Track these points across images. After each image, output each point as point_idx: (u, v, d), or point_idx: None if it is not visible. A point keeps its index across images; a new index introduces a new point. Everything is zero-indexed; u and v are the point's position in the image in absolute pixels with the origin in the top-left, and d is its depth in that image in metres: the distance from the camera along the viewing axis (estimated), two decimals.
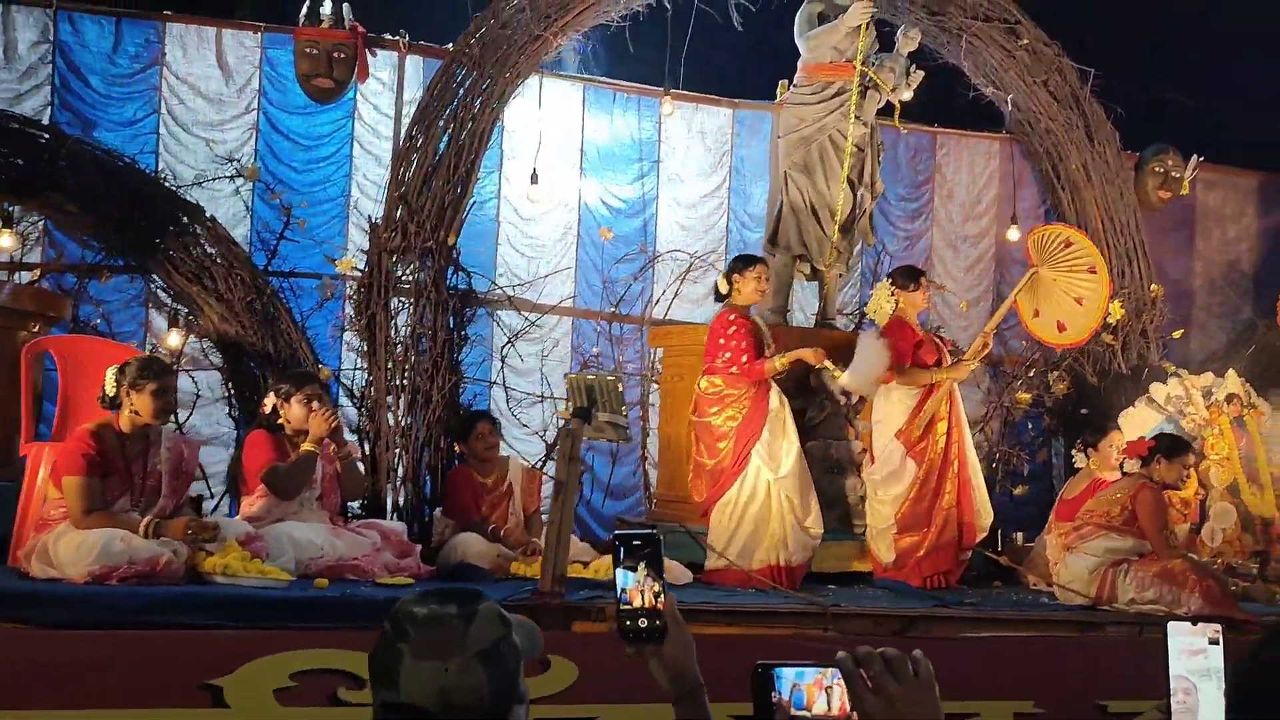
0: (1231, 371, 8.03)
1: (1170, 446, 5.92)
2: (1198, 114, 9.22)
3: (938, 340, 6.80)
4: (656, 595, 1.56)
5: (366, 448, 6.63)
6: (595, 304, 7.88)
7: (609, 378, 4.55)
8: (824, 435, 6.86)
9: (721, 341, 5.97)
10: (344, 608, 4.22)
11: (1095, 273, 6.76)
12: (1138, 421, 7.82)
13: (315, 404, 5.34)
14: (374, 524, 5.51)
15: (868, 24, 7.29)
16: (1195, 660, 1.68)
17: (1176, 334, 8.69)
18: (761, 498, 5.95)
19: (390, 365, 6.64)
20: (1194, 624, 1.60)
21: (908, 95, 8.00)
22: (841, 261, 7.48)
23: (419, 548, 5.49)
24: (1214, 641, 1.70)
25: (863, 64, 7.36)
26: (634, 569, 1.55)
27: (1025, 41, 8.21)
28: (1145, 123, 8.97)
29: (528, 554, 5.57)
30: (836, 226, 7.21)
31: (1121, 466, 6.04)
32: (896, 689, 1.25)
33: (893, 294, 6.63)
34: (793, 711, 1.34)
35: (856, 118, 7.30)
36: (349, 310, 6.81)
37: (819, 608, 4.62)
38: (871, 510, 6.52)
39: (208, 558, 4.29)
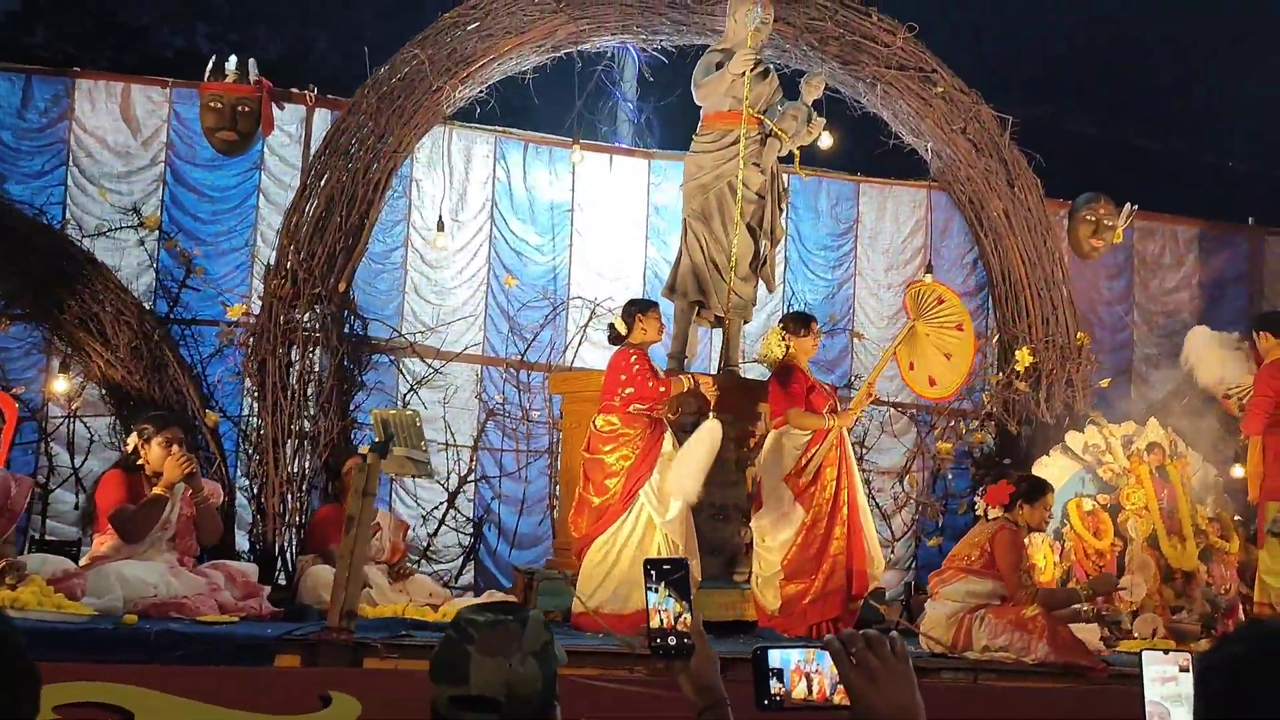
0: (1153, 420, 7.85)
1: (1030, 490, 5.79)
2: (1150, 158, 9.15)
3: (828, 388, 6.75)
4: (680, 616, 1.73)
5: (255, 490, 6.68)
6: (505, 351, 7.89)
7: (409, 412, 4.53)
8: (712, 481, 6.80)
9: (624, 377, 5.98)
10: (133, 643, 4.19)
11: (963, 330, 6.69)
12: (1053, 471, 7.64)
13: (174, 447, 5.38)
14: (222, 565, 5.51)
15: (767, 73, 7.36)
16: (1167, 687, 1.84)
17: (1104, 382, 8.53)
18: (644, 539, 5.91)
19: (278, 410, 6.69)
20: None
21: (820, 142, 8.05)
22: (746, 309, 7.45)
23: (267, 589, 5.48)
24: (1184, 669, 1.87)
25: (763, 112, 7.43)
26: (661, 593, 1.72)
27: (940, 89, 8.21)
28: (1103, 169, 8.92)
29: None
30: (733, 274, 7.20)
31: (986, 513, 5.92)
32: (877, 664, 1.42)
33: (784, 339, 6.60)
34: (780, 690, 1.51)
35: (756, 164, 7.34)
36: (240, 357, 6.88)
37: (628, 647, 4.52)
38: (758, 557, 6.42)
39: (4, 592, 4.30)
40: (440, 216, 7.56)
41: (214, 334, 7.13)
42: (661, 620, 1.74)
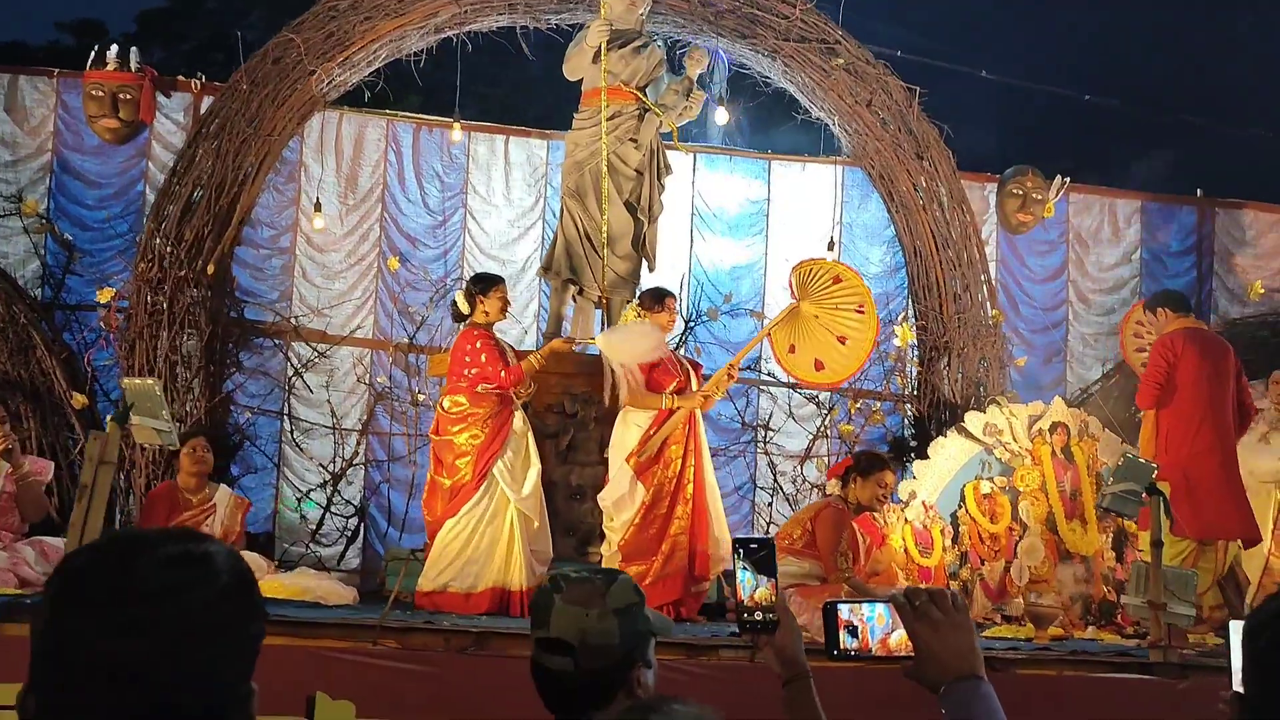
0: (1058, 399, 7.50)
1: (866, 464, 5.55)
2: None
3: (689, 365, 6.57)
4: (769, 593, 1.81)
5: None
6: (395, 335, 7.87)
7: (148, 382, 4.51)
8: (573, 460, 6.70)
9: (468, 359, 5.93)
10: None
11: (863, 313, 6.44)
12: (949, 452, 7.35)
13: None
14: (37, 541, 5.57)
15: (645, 46, 7.22)
16: None
17: (1019, 361, 8.18)
18: (498, 518, 5.86)
19: None
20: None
21: (717, 118, 7.87)
22: (626, 286, 7.31)
23: None
24: None
25: (643, 87, 7.29)
26: (749, 570, 1.80)
27: (841, 61, 7.96)
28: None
29: None
30: (604, 250, 7.08)
31: (824, 489, 5.69)
32: (939, 615, 1.51)
33: (639, 315, 6.46)
34: (854, 641, 1.62)
35: (633, 140, 7.21)
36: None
37: (373, 622, 4.44)
38: (606, 538, 6.30)
39: None
40: (317, 200, 7.55)
41: (96, 319, 7.22)
42: (749, 597, 1.80)
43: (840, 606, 1.63)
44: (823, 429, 8.04)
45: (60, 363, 6.80)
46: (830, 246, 8.23)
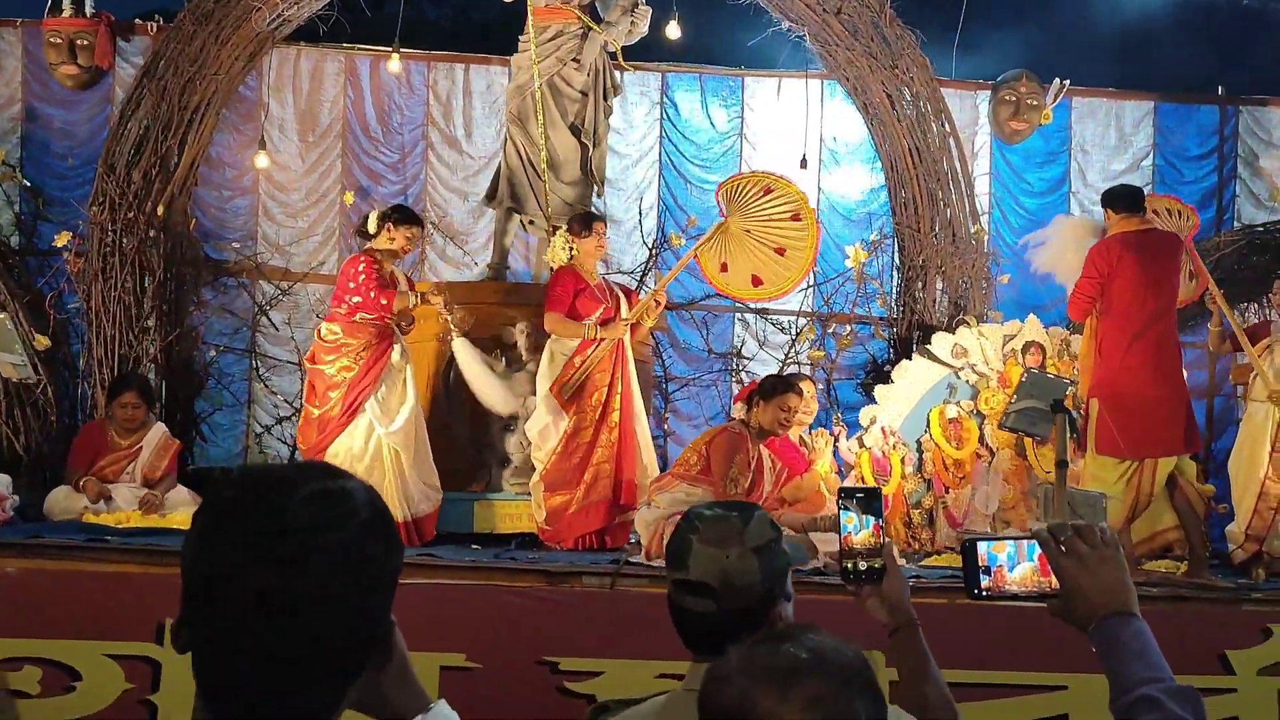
0: (1033, 317, 7.04)
1: (768, 388, 5.30)
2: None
3: (621, 293, 6.38)
4: (873, 539, 1.77)
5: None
6: None
7: (1, 317, 4.58)
8: (510, 391, 6.61)
9: (351, 285, 5.85)
10: None
11: (800, 220, 6.17)
12: (914, 376, 7.00)
13: None
14: None
15: None
16: None
17: (1003, 278, 7.70)
18: (370, 452, 5.82)
19: (101, 333, 6.94)
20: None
21: (669, 32, 7.58)
22: (603, 220, 7.12)
23: (14, 498, 5.70)
24: None
25: (588, 6, 7.05)
26: (855, 517, 1.76)
27: None
28: None
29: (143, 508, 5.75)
30: (545, 175, 6.90)
31: (730, 413, 5.48)
32: (1086, 550, 1.45)
33: (568, 241, 6.31)
34: (989, 580, 1.54)
35: (576, 61, 6.99)
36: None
37: None
38: (536, 469, 6.22)
39: None
40: (262, 138, 7.55)
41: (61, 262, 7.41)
42: (854, 544, 1.77)
43: (979, 544, 1.54)
44: (791, 356, 7.75)
45: (23, 306, 7.00)
46: (803, 165, 7.86)
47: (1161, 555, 6.20)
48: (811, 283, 7.98)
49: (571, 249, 6.29)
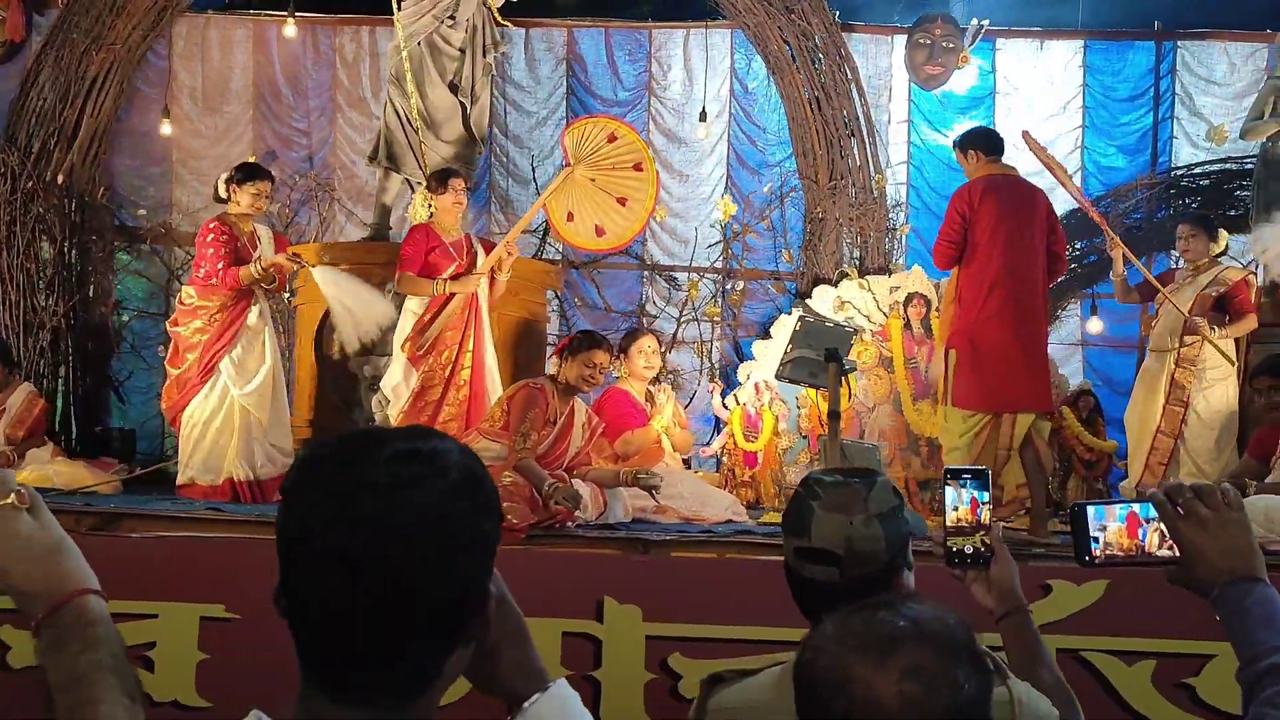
0: (917, 267, 6.79)
1: (575, 343, 5.22)
2: None
3: (481, 245, 6.35)
4: (983, 523, 1.75)
5: None
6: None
7: None
8: (375, 352, 6.66)
9: (210, 252, 5.97)
10: None
11: (641, 170, 6.07)
12: (790, 331, 6.80)
13: None
14: None
15: None
16: None
17: (904, 228, 7.44)
18: (224, 412, 5.94)
19: (2, 299, 7.21)
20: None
21: None
22: (467, 175, 7.11)
23: None
24: None
25: None
26: (963, 500, 1.74)
27: None
28: None
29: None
30: (419, 134, 6.90)
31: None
32: (1206, 513, 1.40)
33: (426, 199, 6.31)
34: (1103, 546, 1.48)
35: (452, 19, 6.96)
36: None
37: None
38: None
39: None
40: (166, 106, 7.70)
41: None
42: (961, 527, 1.74)
43: (1088, 509, 1.47)
44: (688, 313, 7.63)
45: None
46: (702, 117, 7.70)
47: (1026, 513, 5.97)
48: (721, 237, 7.85)
49: (430, 206, 6.28)
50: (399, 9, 6.91)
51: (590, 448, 5.40)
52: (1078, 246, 7.34)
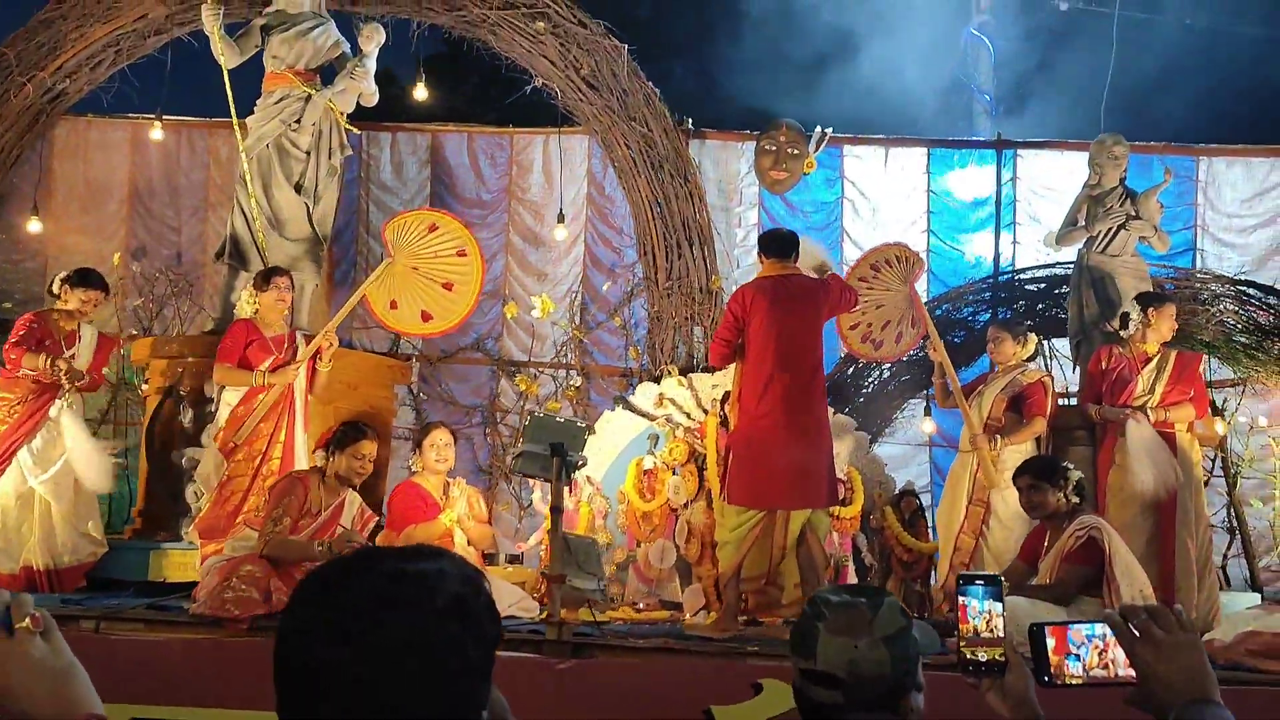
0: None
1: (339, 436, 5.32)
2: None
3: (300, 344, 6.50)
4: (995, 630, 1.73)
5: None
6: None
7: None
8: (197, 442, 6.79)
9: (12, 340, 6.18)
10: None
11: (465, 255, 6.28)
12: (615, 428, 6.92)
13: None
14: None
15: (311, 30, 7.24)
16: None
17: None
18: (19, 500, 6.07)
19: None
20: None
21: (416, 94, 7.78)
22: (306, 269, 7.33)
23: None
24: None
25: (317, 69, 7.32)
26: (979, 606, 1.72)
27: (542, 25, 7.66)
28: None
29: None
30: (260, 234, 7.13)
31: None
32: (1161, 635, 1.40)
33: (252, 295, 6.51)
34: (1066, 668, 1.50)
35: (297, 124, 7.24)
36: None
37: None
38: None
39: None
40: (34, 204, 8.00)
41: None
42: (975, 634, 1.73)
43: (1047, 630, 1.48)
44: (522, 403, 7.74)
45: None
46: (560, 219, 7.93)
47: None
48: (571, 334, 8.00)
49: (255, 302, 6.47)
50: (237, 116, 7.20)
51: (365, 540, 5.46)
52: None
